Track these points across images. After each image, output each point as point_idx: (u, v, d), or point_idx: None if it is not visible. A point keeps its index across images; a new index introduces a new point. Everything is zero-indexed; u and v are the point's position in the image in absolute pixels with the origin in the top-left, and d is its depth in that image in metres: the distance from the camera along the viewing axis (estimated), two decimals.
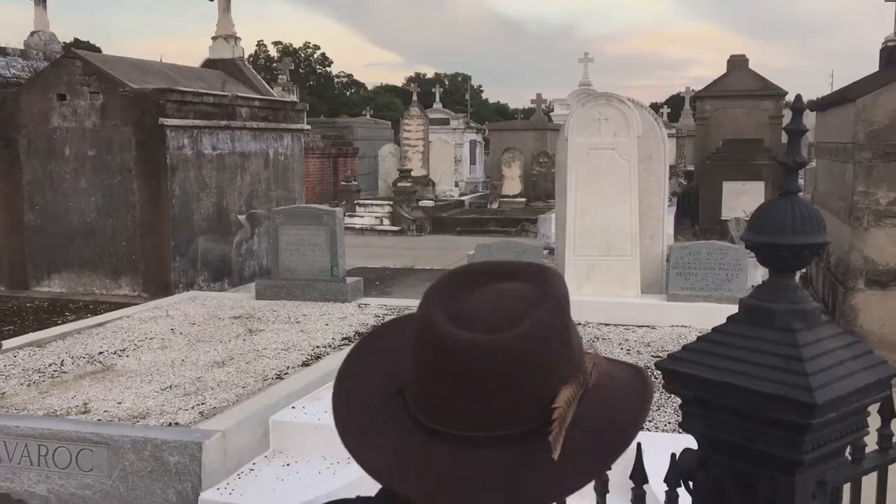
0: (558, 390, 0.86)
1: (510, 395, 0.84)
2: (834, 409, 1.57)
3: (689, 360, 1.73)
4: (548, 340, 0.85)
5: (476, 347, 0.83)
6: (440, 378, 0.85)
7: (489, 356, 0.83)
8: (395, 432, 0.87)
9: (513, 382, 0.84)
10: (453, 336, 0.84)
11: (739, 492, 1.68)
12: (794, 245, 1.65)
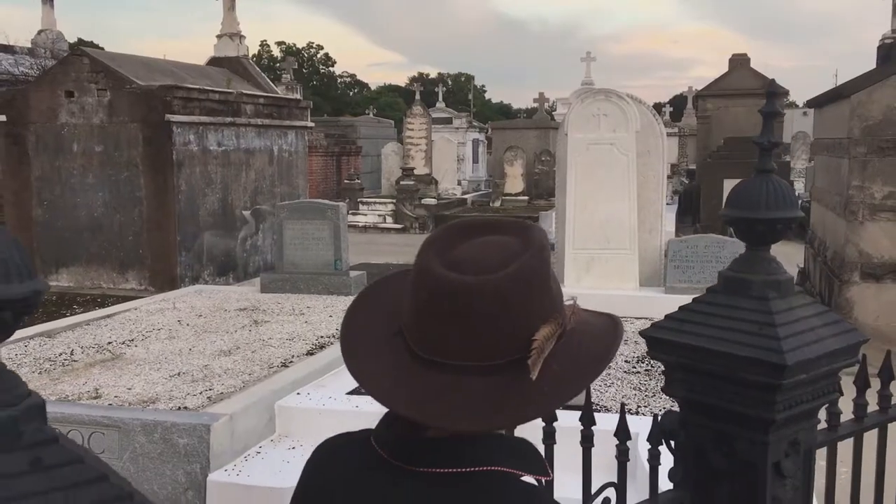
0: (539, 327, 0.98)
1: (496, 330, 0.96)
2: (804, 370, 1.69)
3: (671, 328, 1.85)
4: (530, 283, 0.97)
5: (467, 288, 0.95)
6: (435, 316, 0.97)
7: (478, 296, 0.95)
8: (396, 364, 0.99)
9: (499, 319, 0.95)
10: (446, 279, 0.96)
11: (718, 450, 1.80)
12: (769, 219, 1.77)
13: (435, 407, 0.94)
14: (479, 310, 0.95)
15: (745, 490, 1.78)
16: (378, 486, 1.01)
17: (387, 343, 1.02)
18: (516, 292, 0.96)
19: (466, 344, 0.96)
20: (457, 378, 0.95)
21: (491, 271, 0.96)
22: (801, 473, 1.85)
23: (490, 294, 0.95)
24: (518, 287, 0.96)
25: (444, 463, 0.98)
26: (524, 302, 0.96)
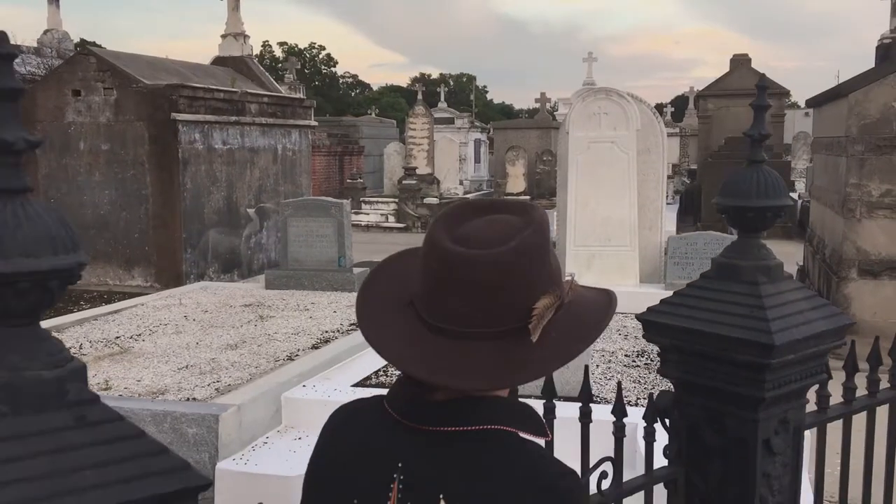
0: (539, 298, 1.07)
1: (500, 299, 1.05)
2: (792, 351, 1.78)
3: (666, 312, 1.94)
4: (531, 256, 1.06)
5: (473, 260, 1.04)
6: (444, 286, 1.06)
7: (483, 267, 1.04)
8: (408, 331, 1.08)
9: (502, 289, 1.04)
10: (455, 252, 1.05)
11: (710, 428, 1.89)
12: (759, 207, 1.86)
13: (443, 369, 1.03)
14: (484, 280, 1.04)
15: (737, 466, 1.87)
16: (391, 444, 1.10)
17: (400, 312, 1.11)
18: (518, 265, 1.04)
19: (472, 312, 1.04)
20: (463, 343, 1.04)
21: (495, 245, 1.05)
22: (790, 451, 1.94)
23: (494, 266, 1.04)
24: (519, 260, 1.05)
25: (451, 422, 1.07)
26: (525, 273, 1.05)
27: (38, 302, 1.03)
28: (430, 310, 1.07)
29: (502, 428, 1.07)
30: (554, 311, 1.08)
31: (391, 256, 1.24)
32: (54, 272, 1.02)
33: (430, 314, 1.07)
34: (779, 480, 1.92)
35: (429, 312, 1.07)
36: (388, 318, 1.11)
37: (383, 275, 1.19)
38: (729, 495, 1.89)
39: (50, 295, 1.05)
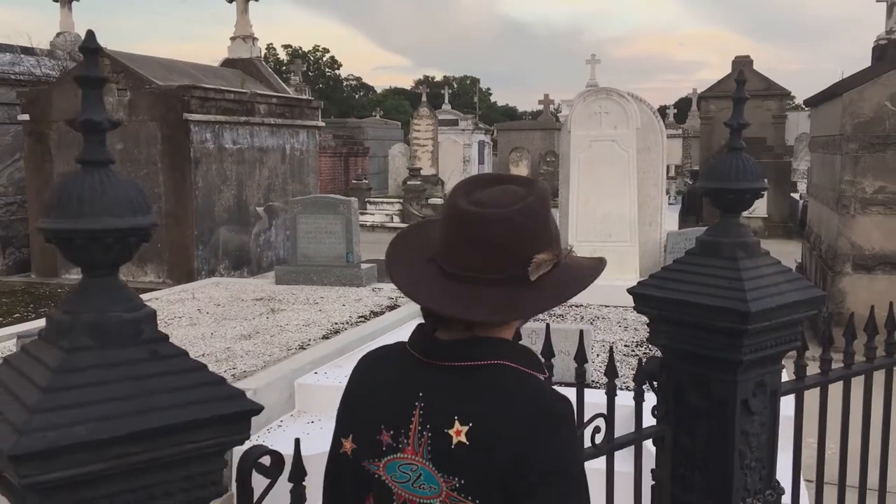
0: (539, 253, 1.27)
1: (505, 250, 1.25)
2: (766, 318, 1.98)
3: (654, 286, 2.14)
4: (534, 218, 1.27)
5: (484, 217, 1.25)
6: (459, 239, 1.27)
7: (493, 224, 1.25)
8: (427, 275, 1.29)
9: (507, 241, 1.25)
10: (470, 211, 1.26)
11: (694, 390, 2.09)
12: (737, 189, 2.06)
13: (458, 305, 1.24)
14: (494, 235, 1.25)
15: (718, 424, 2.07)
16: (413, 378, 1.31)
17: (423, 266, 1.32)
18: (522, 223, 1.25)
19: (483, 261, 1.25)
20: (475, 287, 1.25)
21: (504, 207, 1.26)
22: (767, 412, 2.14)
23: (503, 223, 1.25)
24: (523, 219, 1.26)
25: (461, 358, 1.27)
26: (528, 231, 1.26)
27: (119, 256, 1.25)
28: (448, 261, 1.28)
29: (505, 363, 1.28)
30: (552, 265, 1.29)
31: (414, 224, 1.45)
32: (133, 230, 1.23)
33: (448, 265, 1.28)
34: (757, 438, 2.12)
35: (447, 263, 1.28)
36: (414, 270, 1.32)
37: (404, 240, 1.40)
38: (711, 451, 2.08)
39: (129, 250, 1.26)
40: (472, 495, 1.22)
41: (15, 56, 10.32)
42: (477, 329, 1.30)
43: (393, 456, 1.31)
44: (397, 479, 1.30)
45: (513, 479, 1.20)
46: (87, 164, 1.22)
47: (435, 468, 1.25)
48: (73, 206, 1.19)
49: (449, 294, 1.25)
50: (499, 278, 1.25)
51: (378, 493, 1.34)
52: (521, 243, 1.25)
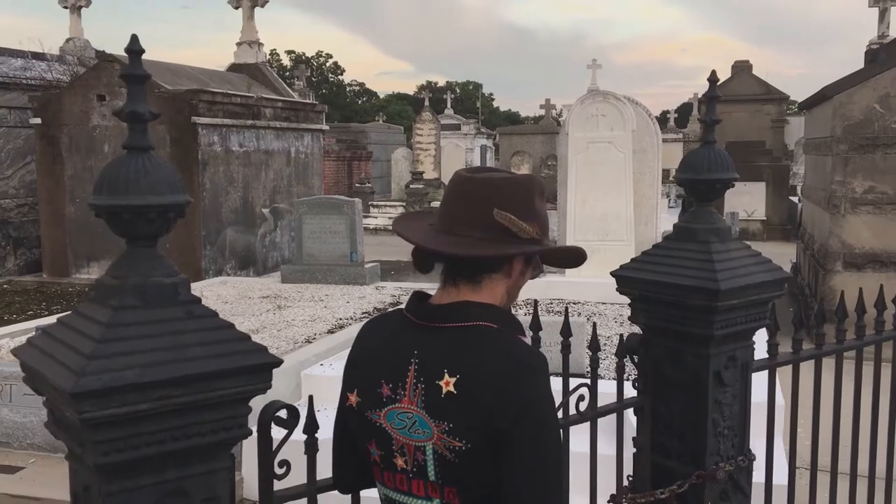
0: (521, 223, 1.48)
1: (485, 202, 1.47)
2: (736, 296, 2.17)
3: (635, 268, 2.34)
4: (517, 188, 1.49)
5: (474, 180, 1.47)
6: (451, 196, 1.49)
7: (479, 183, 1.47)
8: (423, 230, 1.52)
9: (488, 195, 1.47)
10: (464, 175, 1.50)
11: (671, 364, 2.29)
12: (709, 179, 2.26)
13: (440, 243, 1.47)
14: (477, 188, 1.47)
15: (693, 395, 2.26)
16: (408, 338, 1.51)
17: (419, 225, 1.54)
18: (503, 186, 1.48)
19: (464, 210, 1.48)
20: (459, 238, 1.47)
21: (493, 175, 1.48)
22: (739, 384, 2.33)
23: (487, 182, 1.48)
24: (506, 184, 1.48)
25: (451, 320, 1.48)
26: (510, 197, 1.47)
27: (160, 228, 1.45)
28: (441, 218, 1.51)
29: (488, 324, 1.47)
30: (532, 239, 1.49)
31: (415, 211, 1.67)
32: (172, 206, 1.43)
33: (440, 222, 1.50)
34: (729, 408, 2.31)
35: (439, 221, 1.50)
36: (413, 225, 1.55)
37: (408, 214, 1.61)
38: (687, 419, 2.27)
39: (167, 223, 1.46)
40: (459, 436, 1.42)
41: (26, 61, 10.55)
42: (465, 295, 1.50)
43: (392, 406, 1.50)
44: (395, 426, 1.50)
45: (493, 420, 1.39)
46: (132, 149, 1.41)
47: (428, 415, 1.45)
48: (120, 185, 1.39)
49: (438, 241, 1.47)
50: (482, 237, 1.46)
51: (379, 438, 1.53)
52: (501, 200, 1.46)
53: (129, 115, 1.42)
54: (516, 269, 1.54)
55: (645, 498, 2.26)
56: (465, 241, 1.47)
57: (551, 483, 1.43)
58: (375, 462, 1.57)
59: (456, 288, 1.51)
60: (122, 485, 1.35)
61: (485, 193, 1.47)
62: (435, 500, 1.49)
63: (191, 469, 1.42)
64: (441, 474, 1.46)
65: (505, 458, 1.40)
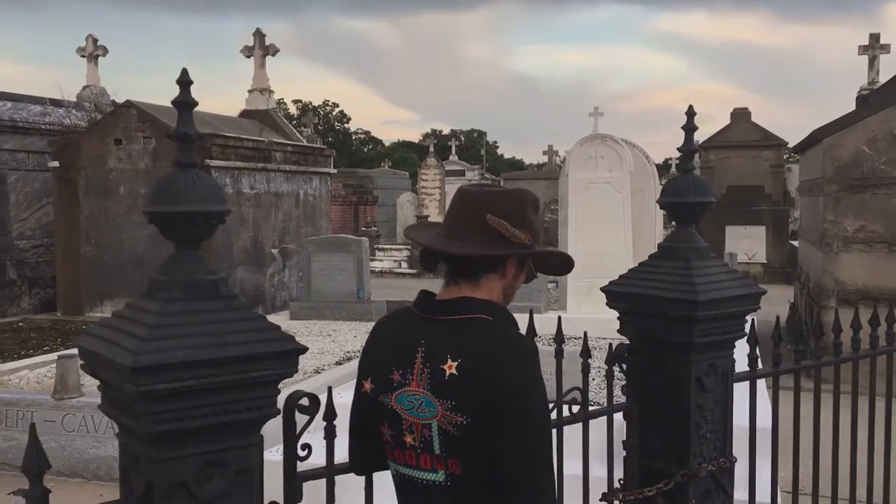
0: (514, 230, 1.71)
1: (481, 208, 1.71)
2: (714, 308, 2.39)
3: (623, 284, 2.57)
4: (512, 200, 1.72)
5: (475, 190, 1.72)
6: (457, 207, 1.74)
7: (478, 192, 1.72)
8: (433, 237, 1.75)
9: (485, 202, 1.71)
10: (467, 188, 1.74)
11: (656, 371, 2.49)
12: (689, 202, 2.49)
13: (447, 246, 1.70)
14: (475, 197, 1.72)
15: (677, 400, 2.46)
16: (416, 330, 1.73)
17: (428, 232, 1.77)
18: (502, 200, 1.72)
19: (464, 215, 1.72)
20: (461, 241, 1.70)
21: (493, 190, 1.72)
22: (720, 390, 2.53)
23: (485, 192, 1.72)
24: (504, 198, 1.73)
25: (453, 313, 1.70)
26: (504, 202, 1.71)
27: (204, 232, 1.68)
28: (444, 225, 1.74)
29: (484, 317, 1.69)
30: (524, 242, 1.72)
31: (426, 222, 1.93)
32: (214, 213, 1.66)
33: (444, 228, 1.73)
34: (711, 413, 2.51)
35: (444, 227, 1.74)
36: (423, 234, 1.78)
37: (418, 226, 1.85)
38: (672, 423, 2.47)
39: (211, 229, 1.69)
40: (461, 412, 1.63)
41: (44, 107, 10.93)
42: (465, 292, 1.72)
43: (402, 389, 1.72)
44: (405, 407, 1.71)
45: (490, 396, 1.61)
46: (181, 165, 1.65)
47: (433, 395, 1.66)
48: (171, 195, 1.62)
49: (440, 242, 1.71)
50: (480, 240, 1.69)
51: (391, 420, 1.75)
52: (496, 208, 1.69)
53: (179, 136, 1.66)
54: (510, 271, 1.77)
55: (634, 496, 2.45)
56: (464, 243, 1.70)
57: (540, 452, 1.63)
58: (387, 441, 1.78)
59: (457, 286, 1.74)
60: (169, 453, 1.55)
61: (482, 202, 1.70)
62: (440, 472, 1.69)
63: (228, 443, 1.62)
64: (445, 448, 1.66)
65: (499, 429, 1.61)
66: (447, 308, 1.71)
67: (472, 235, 1.70)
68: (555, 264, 1.92)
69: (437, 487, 1.70)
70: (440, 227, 1.80)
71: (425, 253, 1.77)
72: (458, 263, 1.73)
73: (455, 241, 1.71)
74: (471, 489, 1.67)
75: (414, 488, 1.75)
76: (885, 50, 10.15)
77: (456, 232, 1.72)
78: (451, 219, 1.75)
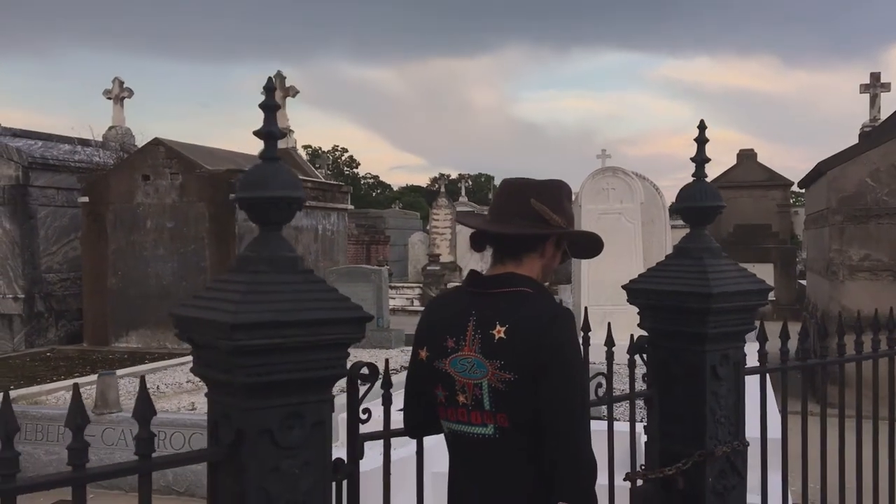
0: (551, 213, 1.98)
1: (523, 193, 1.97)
2: (726, 300, 2.63)
3: (642, 282, 2.82)
4: (551, 190, 1.99)
5: (517, 179, 1.98)
6: (503, 194, 2.01)
7: (521, 181, 1.99)
8: (481, 221, 2.02)
9: (526, 188, 1.98)
10: (511, 179, 2.01)
11: (674, 360, 2.73)
12: (702, 207, 2.75)
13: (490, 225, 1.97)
14: (518, 183, 1.99)
15: (693, 387, 2.69)
16: (467, 301, 1.99)
17: (479, 219, 2.05)
18: (542, 187, 1.99)
19: (507, 198, 2.00)
20: (505, 224, 1.96)
21: (532, 179, 2.00)
22: (732, 379, 2.76)
23: (527, 183, 2.00)
24: (544, 186, 2.00)
25: (499, 287, 1.96)
26: (544, 191, 1.98)
27: (286, 216, 1.94)
28: (490, 211, 2.01)
29: (527, 290, 1.95)
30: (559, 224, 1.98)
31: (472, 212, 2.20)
32: (294, 199, 1.93)
33: (490, 213, 2.00)
34: (725, 399, 2.73)
35: (490, 213, 2.01)
36: (472, 219, 2.06)
37: (467, 214, 2.14)
38: (689, 408, 2.70)
39: (291, 213, 1.96)
40: (509, 370, 1.88)
41: (73, 147, 11.33)
42: (510, 269, 1.98)
43: (455, 354, 1.97)
44: (458, 370, 1.96)
45: (535, 356, 1.86)
46: (265, 159, 1.92)
47: (483, 356, 1.91)
48: (258, 183, 1.89)
49: (488, 225, 1.99)
50: (520, 222, 1.96)
51: (444, 382, 2.00)
52: (537, 194, 1.97)
53: (265, 134, 1.94)
54: (548, 251, 2.03)
55: (654, 475, 2.67)
56: (510, 225, 1.97)
57: (578, 404, 1.88)
58: (441, 403, 2.02)
59: (503, 264, 2.00)
60: (258, 403, 1.80)
61: (525, 190, 1.98)
62: (490, 426, 1.93)
63: (306, 397, 1.87)
64: (495, 403, 1.91)
65: (542, 384, 1.86)
66: (495, 282, 1.97)
67: (517, 219, 1.97)
68: (584, 247, 2.17)
69: (488, 440, 1.95)
70: (487, 215, 2.07)
71: (476, 235, 2.04)
72: (503, 244, 2.00)
73: (502, 224, 1.97)
74: (517, 441, 1.92)
75: (466, 443, 2.00)
76: (885, 88, 10.52)
77: (502, 216, 1.99)
78: (496, 206, 2.02)
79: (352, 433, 2.11)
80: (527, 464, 1.91)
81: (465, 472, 2.02)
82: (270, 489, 1.81)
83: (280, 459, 1.83)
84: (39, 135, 11.33)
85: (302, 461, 1.88)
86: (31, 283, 10.18)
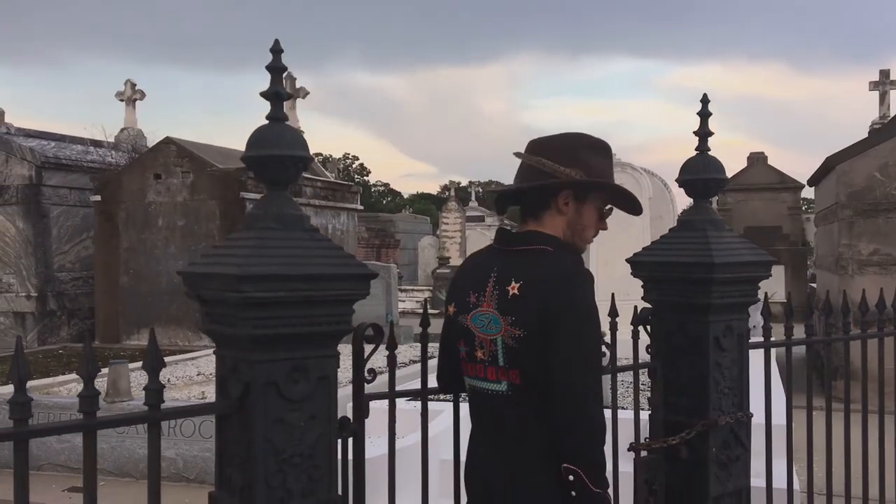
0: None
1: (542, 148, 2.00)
2: (729, 271, 2.65)
3: (646, 254, 2.85)
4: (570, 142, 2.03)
5: (534, 140, 2.04)
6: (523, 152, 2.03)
7: (537, 142, 2.04)
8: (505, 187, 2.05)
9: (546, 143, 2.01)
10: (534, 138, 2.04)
11: (678, 331, 2.75)
12: (705, 179, 2.78)
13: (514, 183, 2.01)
14: (531, 147, 2.05)
15: (697, 357, 2.71)
16: (491, 258, 2.02)
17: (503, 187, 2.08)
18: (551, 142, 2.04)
19: (522, 169, 2.03)
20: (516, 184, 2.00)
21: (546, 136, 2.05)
22: (736, 351, 2.78)
23: (537, 142, 2.05)
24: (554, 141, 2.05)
25: (520, 244, 1.99)
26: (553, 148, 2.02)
27: (292, 175, 1.98)
28: (518, 174, 2.04)
29: (547, 248, 1.98)
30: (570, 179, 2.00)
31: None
32: (300, 158, 1.97)
33: (517, 177, 2.03)
34: (728, 370, 2.75)
35: (516, 175, 2.04)
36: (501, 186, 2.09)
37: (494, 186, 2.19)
38: (693, 379, 2.71)
39: (298, 172, 1.99)
40: (519, 326, 1.90)
41: (85, 147, 11.44)
42: (531, 227, 2.01)
43: (476, 310, 2.00)
44: (477, 325, 1.99)
45: (546, 312, 1.87)
46: (273, 119, 1.96)
47: (499, 313, 1.94)
48: (264, 142, 1.93)
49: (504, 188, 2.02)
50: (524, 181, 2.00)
51: (466, 337, 2.03)
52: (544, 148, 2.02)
53: (272, 95, 1.97)
54: (565, 207, 2.01)
55: (659, 444, 2.68)
56: (515, 184, 2.00)
57: (587, 367, 1.89)
58: (463, 358, 2.06)
59: (526, 223, 2.04)
60: (264, 356, 1.83)
61: (534, 148, 2.02)
62: (503, 382, 1.95)
63: (311, 352, 1.90)
64: (508, 360, 1.93)
65: (552, 343, 1.87)
66: (517, 240, 2.01)
67: (522, 179, 2.00)
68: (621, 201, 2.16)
69: (501, 397, 1.97)
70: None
71: (498, 199, 2.10)
72: (523, 204, 2.03)
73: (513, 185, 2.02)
74: (529, 399, 1.93)
75: (483, 398, 2.03)
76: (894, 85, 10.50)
77: (516, 179, 2.03)
78: (519, 168, 2.06)
79: (357, 392, 2.14)
80: (538, 423, 1.92)
81: (482, 428, 2.06)
82: (276, 440, 1.85)
83: (286, 412, 1.86)
84: (52, 135, 11.44)
85: (307, 415, 1.91)
86: (44, 281, 10.27)
